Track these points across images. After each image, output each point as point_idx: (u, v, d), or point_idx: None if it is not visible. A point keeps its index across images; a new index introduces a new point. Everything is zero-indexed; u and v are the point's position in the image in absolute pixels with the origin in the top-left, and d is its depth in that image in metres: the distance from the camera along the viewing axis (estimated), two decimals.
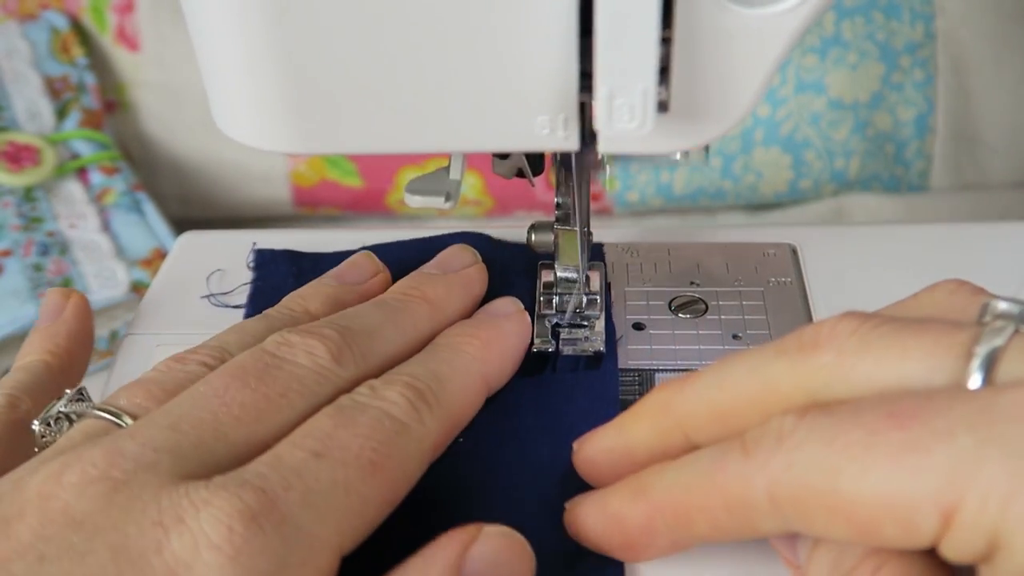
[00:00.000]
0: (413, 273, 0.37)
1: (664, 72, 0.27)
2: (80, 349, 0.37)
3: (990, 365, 0.23)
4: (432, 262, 0.38)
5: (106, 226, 0.55)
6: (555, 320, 0.38)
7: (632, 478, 0.28)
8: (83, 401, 0.31)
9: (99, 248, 0.53)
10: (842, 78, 0.58)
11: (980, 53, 0.58)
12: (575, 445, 0.31)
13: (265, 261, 0.42)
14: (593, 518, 0.29)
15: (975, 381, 0.23)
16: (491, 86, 0.28)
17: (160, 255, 0.54)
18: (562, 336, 0.37)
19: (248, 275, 0.42)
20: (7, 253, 0.52)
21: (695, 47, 0.27)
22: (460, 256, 0.38)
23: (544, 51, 0.27)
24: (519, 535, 0.27)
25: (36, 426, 0.31)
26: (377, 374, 0.31)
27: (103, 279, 0.52)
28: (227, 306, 0.41)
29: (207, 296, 0.41)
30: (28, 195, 0.55)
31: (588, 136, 0.29)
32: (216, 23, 0.28)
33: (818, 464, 0.23)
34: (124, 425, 0.29)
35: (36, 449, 0.30)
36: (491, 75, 0.28)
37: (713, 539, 0.27)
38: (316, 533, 0.26)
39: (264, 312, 0.35)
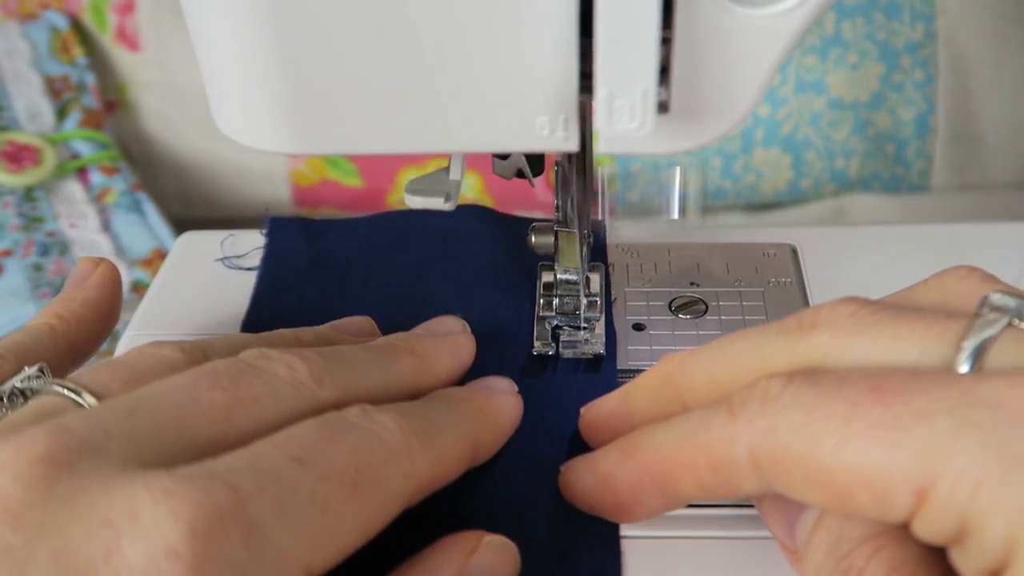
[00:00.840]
0: (399, 333, 0.35)
1: (664, 72, 0.27)
2: (95, 319, 0.34)
3: (978, 356, 0.24)
4: (420, 327, 0.36)
5: (106, 226, 0.55)
6: (555, 322, 0.38)
7: (622, 439, 0.29)
8: (43, 378, 0.28)
9: (99, 248, 0.53)
10: (842, 78, 0.58)
11: (980, 53, 0.58)
12: (582, 411, 0.32)
13: (277, 227, 0.43)
14: (585, 479, 0.30)
15: (962, 370, 0.24)
16: (491, 86, 0.28)
17: (160, 255, 0.54)
18: (562, 339, 0.37)
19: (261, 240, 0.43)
20: (7, 253, 0.52)
21: (695, 47, 0.27)
22: (448, 323, 0.36)
23: (544, 51, 0.27)
24: (513, 545, 0.28)
25: None
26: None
27: None
28: (240, 268, 0.41)
29: (221, 259, 0.42)
30: (28, 195, 0.55)
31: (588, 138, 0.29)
32: (216, 24, 0.28)
33: (799, 431, 0.24)
34: (84, 403, 0.26)
35: None
36: (491, 75, 0.28)
37: (698, 497, 0.27)
38: (286, 548, 0.23)
39: (255, 334, 0.33)
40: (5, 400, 0.27)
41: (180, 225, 0.52)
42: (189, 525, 0.21)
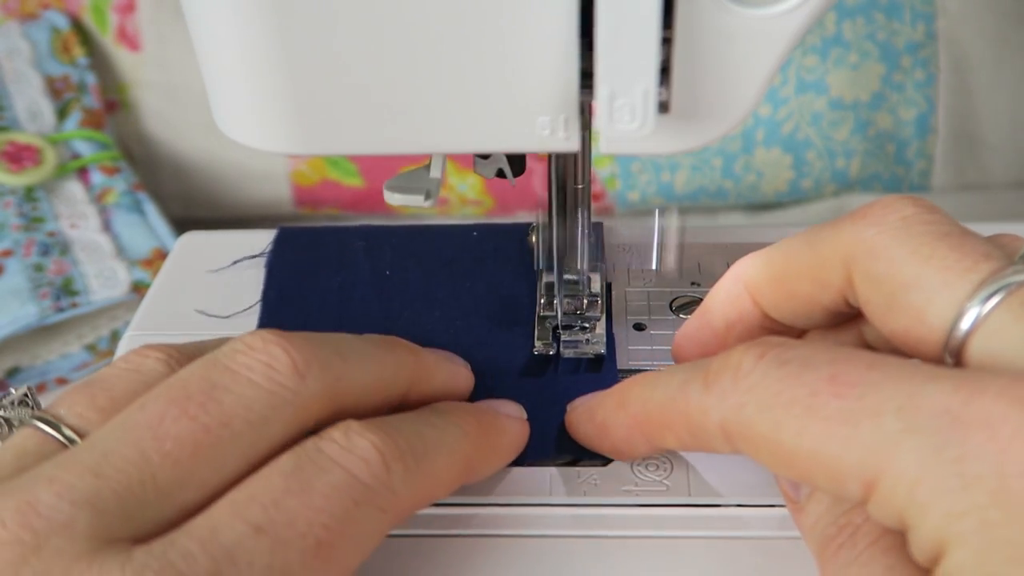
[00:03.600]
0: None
1: (665, 72, 0.27)
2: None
3: (988, 300, 0.24)
4: (423, 350, 0.35)
5: (107, 226, 0.55)
6: (556, 322, 0.38)
7: (616, 389, 0.31)
8: (27, 406, 0.29)
9: (100, 248, 0.53)
10: (843, 78, 0.58)
11: (981, 53, 0.58)
12: (675, 338, 0.34)
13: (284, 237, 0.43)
14: (584, 427, 0.32)
15: (968, 319, 0.25)
16: (492, 87, 0.28)
17: (161, 255, 0.54)
18: (563, 339, 0.37)
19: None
20: (8, 253, 0.52)
21: (696, 47, 0.27)
22: (451, 356, 0.35)
23: (544, 51, 0.27)
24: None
25: None
26: (345, 404, 0.29)
27: (104, 279, 0.52)
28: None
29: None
30: (29, 195, 0.55)
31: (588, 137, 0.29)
32: (216, 24, 0.28)
33: (764, 412, 0.25)
34: (63, 439, 0.27)
35: None
36: (492, 76, 0.28)
37: (682, 450, 0.31)
38: None
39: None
40: None
41: (180, 225, 0.52)
42: None
